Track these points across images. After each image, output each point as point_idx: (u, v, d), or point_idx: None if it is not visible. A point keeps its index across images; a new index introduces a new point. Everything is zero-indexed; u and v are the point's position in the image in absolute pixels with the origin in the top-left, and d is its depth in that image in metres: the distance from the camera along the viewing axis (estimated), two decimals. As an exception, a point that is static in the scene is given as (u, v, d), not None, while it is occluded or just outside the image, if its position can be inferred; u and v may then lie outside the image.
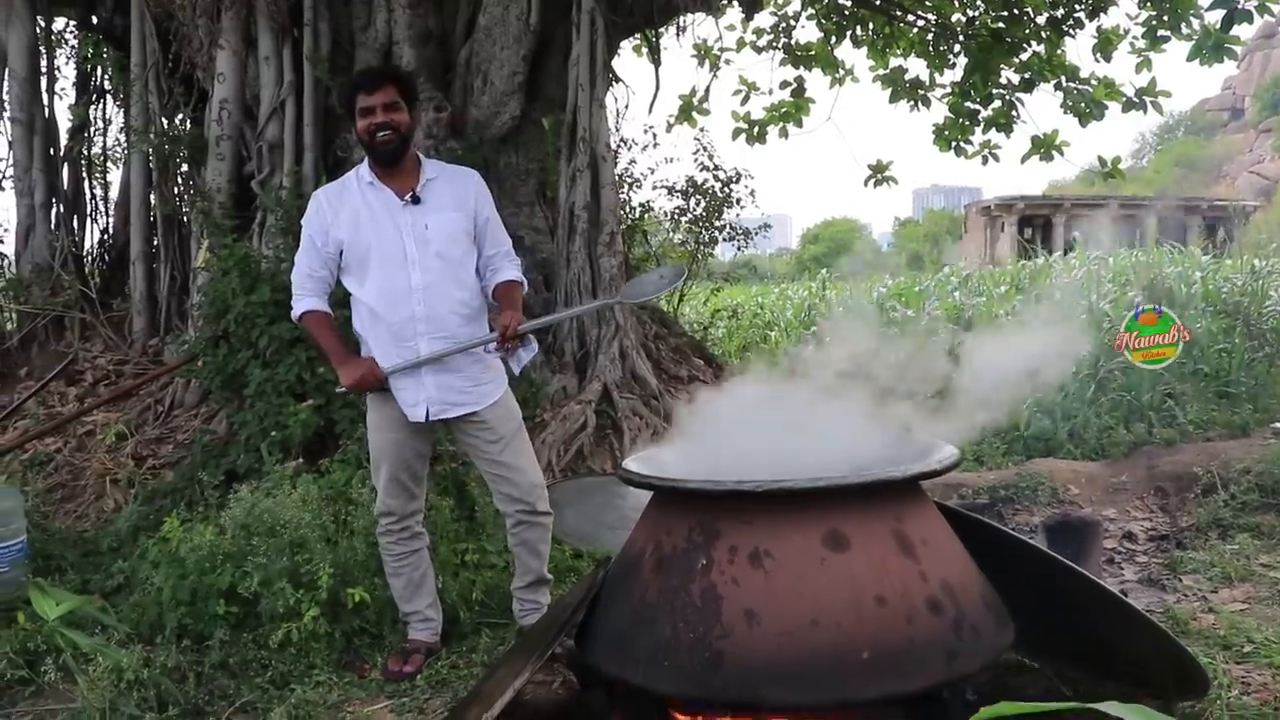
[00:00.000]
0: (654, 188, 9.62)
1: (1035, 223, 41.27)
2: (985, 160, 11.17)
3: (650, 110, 17.47)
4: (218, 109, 7.03)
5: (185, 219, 7.87)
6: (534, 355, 4.06)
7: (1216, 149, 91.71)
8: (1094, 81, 10.14)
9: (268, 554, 4.03)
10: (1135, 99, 9.66)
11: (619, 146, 9.49)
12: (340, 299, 4.15)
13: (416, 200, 3.73)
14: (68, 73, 9.11)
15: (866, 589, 2.40)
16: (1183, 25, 9.48)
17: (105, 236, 8.95)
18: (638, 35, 10.56)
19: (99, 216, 8.85)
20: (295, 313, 3.86)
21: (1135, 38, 9.90)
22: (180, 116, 7.83)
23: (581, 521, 5.47)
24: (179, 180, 7.95)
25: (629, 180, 9.72)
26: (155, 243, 8.01)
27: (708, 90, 10.97)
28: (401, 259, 3.67)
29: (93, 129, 8.91)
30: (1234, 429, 6.39)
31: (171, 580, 4.09)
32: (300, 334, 5.91)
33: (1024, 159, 10.35)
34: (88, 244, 8.74)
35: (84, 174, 8.75)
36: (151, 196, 7.88)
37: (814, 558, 2.43)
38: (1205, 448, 6.04)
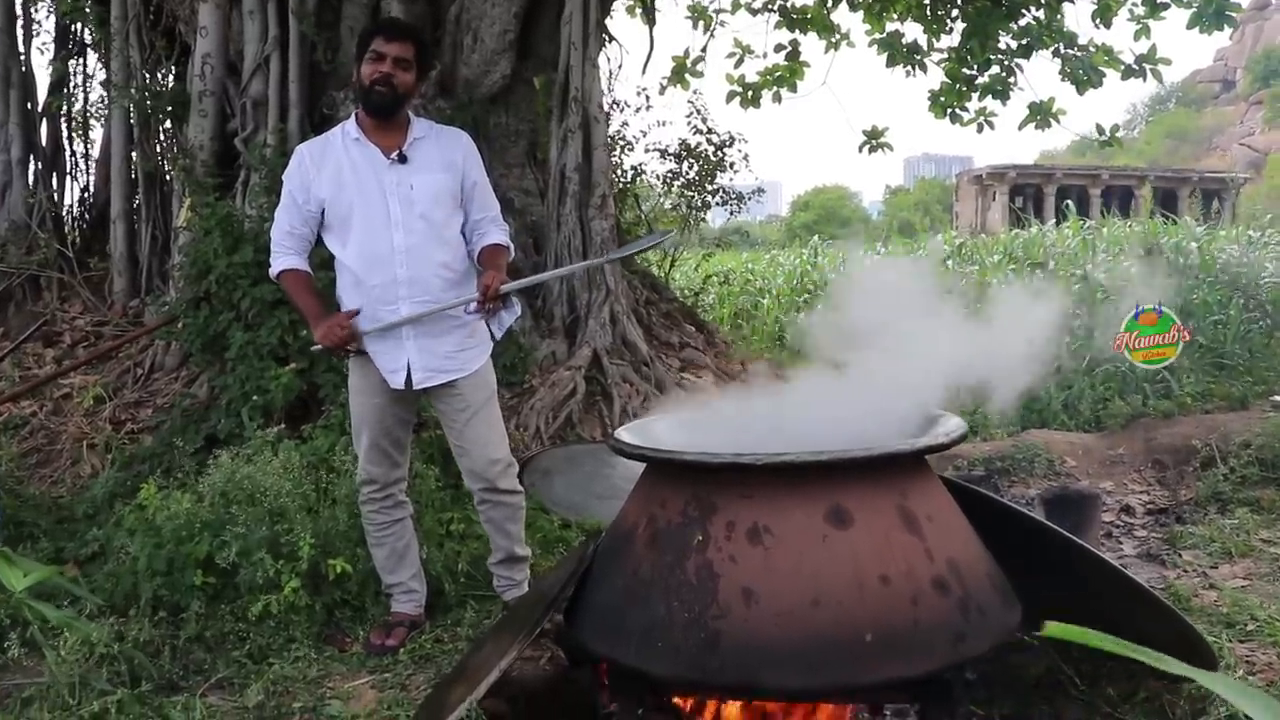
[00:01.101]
0: (646, 151, 9.49)
1: (1027, 191, 41.21)
2: (981, 128, 11.00)
3: (644, 71, 16.98)
4: (200, 64, 6.84)
5: (167, 177, 7.70)
6: (516, 317, 3.94)
7: (1207, 120, 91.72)
8: (1092, 49, 10.01)
9: (246, 523, 3.90)
10: (1135, 66, 9.52)
11: (611, 108, 9.32)
12: (324, 260, 4.03)
13: (403, 159, 3.58)
14: (48, 26, 8.89)
15: (870, 567, 2.29)
16: (1181, -9, 9.35)
17: (85, 195, 8.79)
18: (630, -3, 10.39)
19: (79, 174, 8.70)
20: (273, 271, 3.71)
21: (1135, 4, 9.77)
22: (162, 71, 7.62)
23: (570, 491, 5.36)
24: (161, 137, 7.77)
25: (621, 143, 9.56)
26: (136, 201, 7.85)
27: (705, 51, 10.76)
28: (385, 219, 3.53)
29: (73, 84, 8.72)
30: (1232, 401, 6.29)
31: (147, 549, 3.96)
32: (283, 296, 5.76)
33: (1021, 126, 10.20)
34: (67, 202, 8.58)
35: (64, 130, 8.56)
36: (133, 154, 7.70)
37: (816, 534, 2.32)
38: (1203, 420, 5.94)
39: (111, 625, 3.49)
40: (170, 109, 7.34)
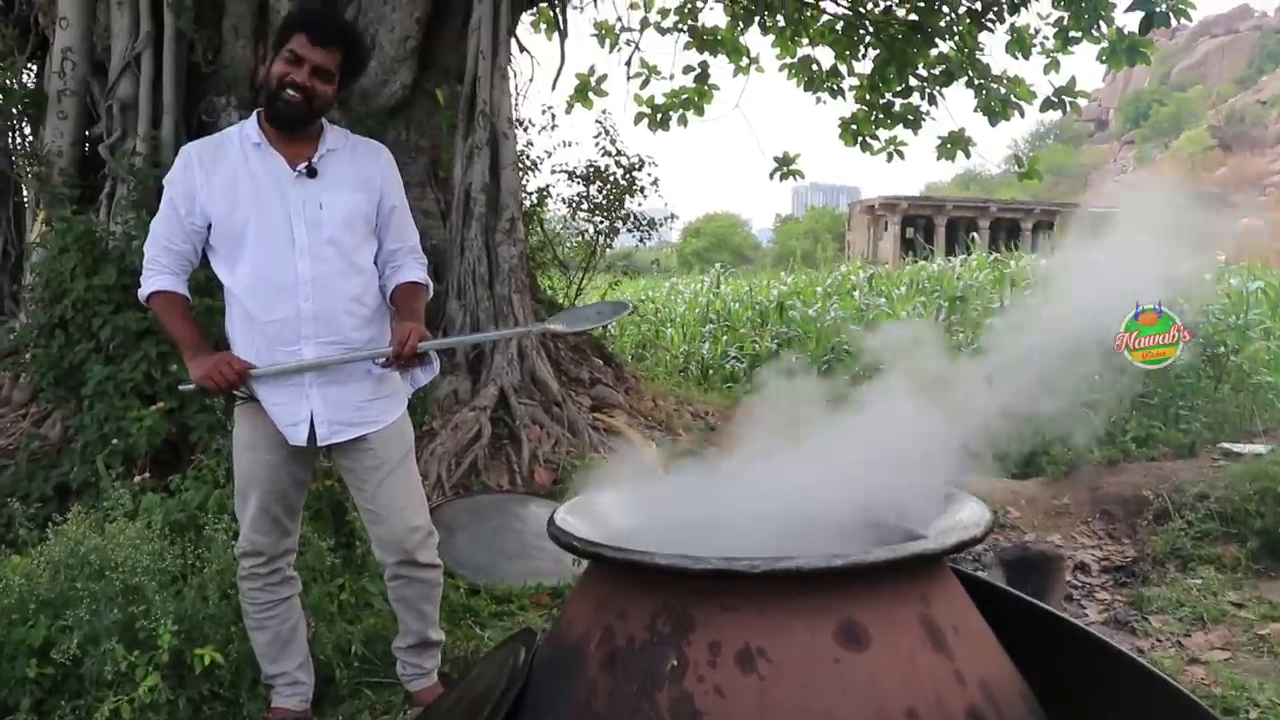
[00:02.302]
0: (552, 172, 8.95)
1: (918, 222, 41.84)
2: (890, 157, 10.86)
3: (554, 87, 15.74)
4: (59, 59, 6.09)
5: (22, 186, 6.89)
6: (433, 375, 3.38)
7: (1085, 157, 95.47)
8: (1006, 80, 9.90)
9: (94, 602, 3.23)
10: (1054, 98, 9.40)
11: (515, 126, 8.77)
12: (200, 284, 3.41)
13: (312, 173, 2.99)
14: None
15: (894, 699, 1.80)
16: (1093, 28, 9.30)
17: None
18: (536, 10, 9.89)
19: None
20: (143, 292, 3.06)
21: (1046, 38, 9.69)
22: (15, 67, 6.80)
23: (476, 550, 4.77)
24: (18, 142, 6.95)
25: (527, 163, 9.00)
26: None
27: (627, 65, 10.35)
28: (287, 243, 2.93)
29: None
30: (1179, 448, 6.01)
31: (-35, 634, 3.27)
32: (152, 325, 5.09)
33: (939, 156, 10.03)
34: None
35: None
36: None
37: (825, 658, 1.82)
38: (1151, 468, 5.65)
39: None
40: (21, 109, 6.52)
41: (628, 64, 10.27)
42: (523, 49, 8.26)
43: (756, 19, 10.61)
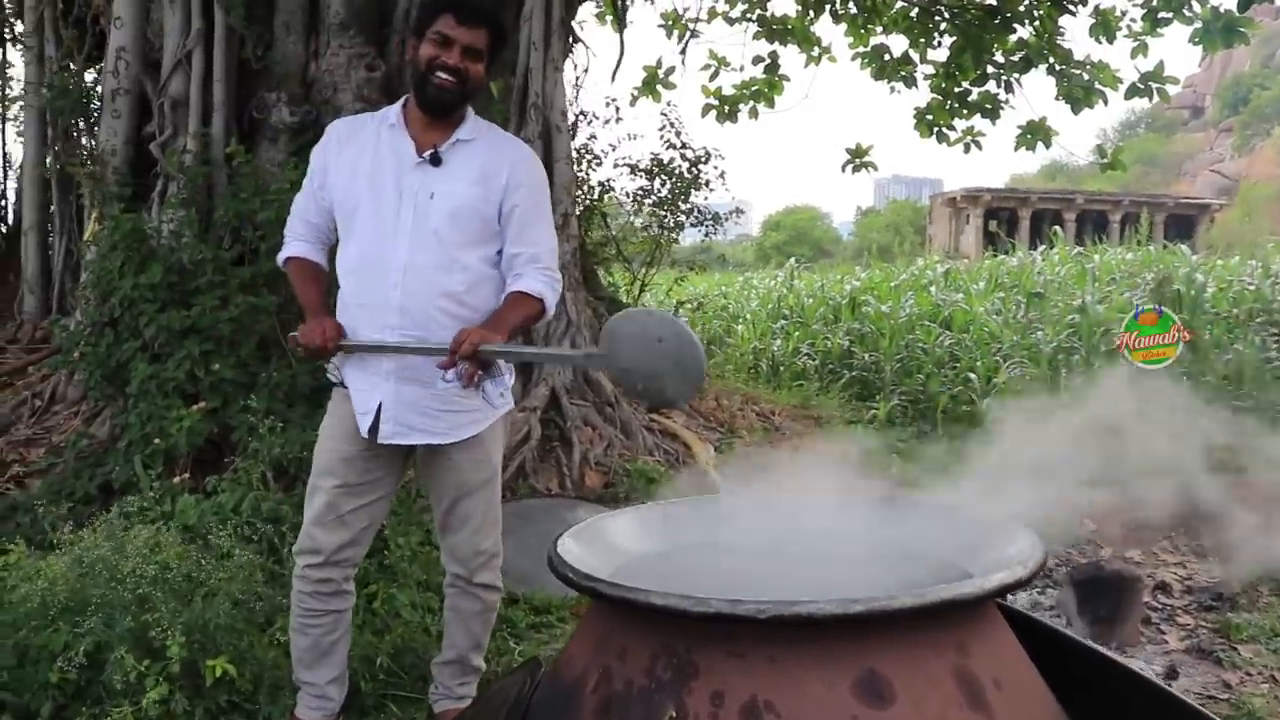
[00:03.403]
0: (615, 166, 8.75)
1: (1001, 215, 40.85)
2: (968, 148, 10.47)
3: (613, 79, 15.55)
4: (114, 59, 6.06)
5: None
6: (505, 388, 3.07)
7: (1177, 146, 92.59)
8: (1089, 66, 9.47)
9: (106, 610, 3.13)
10: (1140, 85, 8.93)
11: (577, 119, 8.60)
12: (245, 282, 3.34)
13: (435, 161, 2.84)
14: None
15: (920, 767, 1.58)
16: (1184, 8, 8.82)
17: (3, 203, 8.03)
18: (600, 2, 9.73)
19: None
20: (280, 258, 3.10)
21: (1132, 20, 9.24)
22: (76, 68, 6.82)
23: (519, 557, 4.59)
24: (79, 141, 6.98)
25: (589, 157, 8.83)
26: (52, 211, 7.08)
27: (683, 56, 10.15)
28: (391, 229, 2.82)
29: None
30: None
31: (-8, 636, 3.19)
32: (195, 324, 5.06)
33: (1017, 147, 9.62)
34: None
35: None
36: (47, 159, 6.92)
37: (841, 715, 1.60)
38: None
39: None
40: (80, 109, 6.52)
41: (682, 52, 10.02)
42: (578, 40, 8.06)
43: (828, 6, 10.30)
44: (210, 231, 5.61)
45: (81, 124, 6.74)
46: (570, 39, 7.56)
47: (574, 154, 7.46)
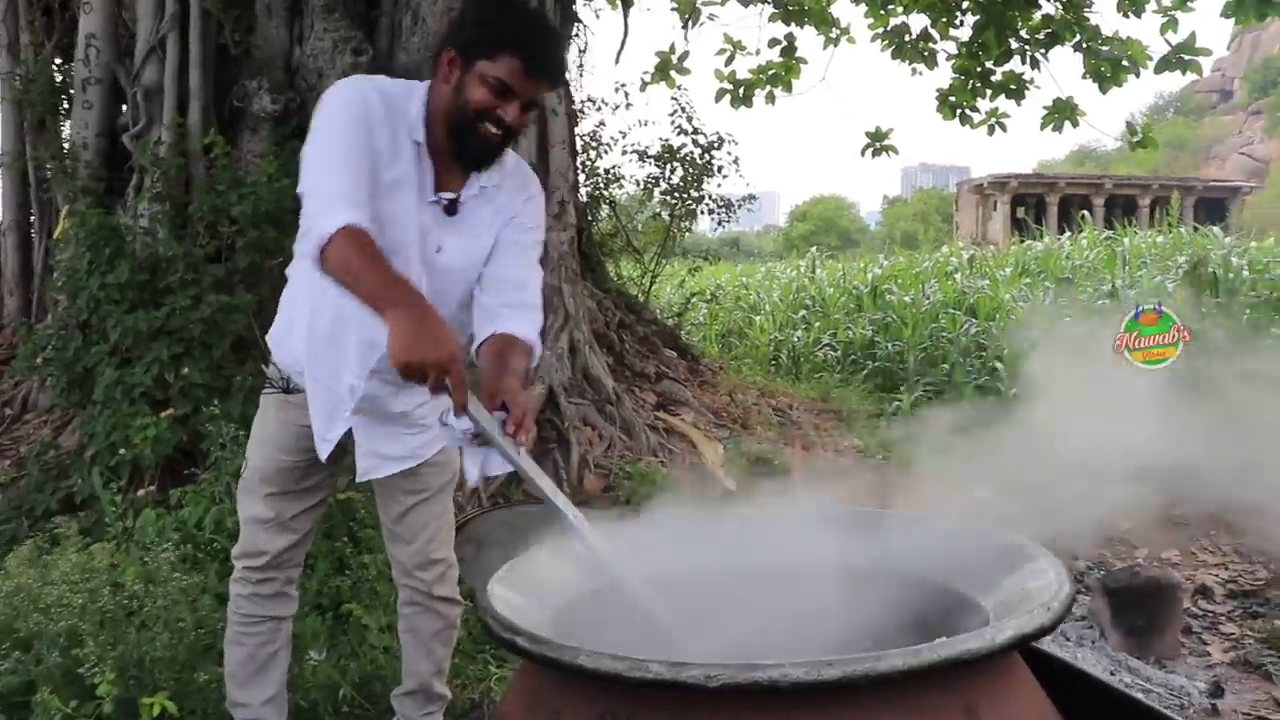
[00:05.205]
0: (624, 153, 8.43)
1: (1028, 201, 40.22)
2: (992, 130, 10.08)
3: (617, 62, 14.34)
4: (84, 46, 5.77)
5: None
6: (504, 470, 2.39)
7: (1206, 130, 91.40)
8: (1117, 42, 9.06)
9: (29, 642, 2.84)
10: (1172, 58, 8.51)
11: (584, 106, 8.29)
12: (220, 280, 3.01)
13: (452, 210, 2.42)
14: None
15: None
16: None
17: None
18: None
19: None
20: (328, 227, 2.11)
21: (1163, -6, 8.82)
22: (43, 57, 6.53)
23: (508, 569, 4.29)
24: (55, 133, 6.71)
25: (596, 144, 8.52)
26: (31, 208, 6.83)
27: (685, 38, 9.81)
28: (403, 262, 2.30)
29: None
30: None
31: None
32: (165, 326, 4.74)
33: (1043, 126, 9.22)
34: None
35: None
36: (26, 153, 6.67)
37: (818, 804, 1.27)
38: (1285, 472, 4.89)
39: None
40: (47, 101, 6.24)
41: (685, 27, 9.66)
42: (577, 20, 7.73)
43: (845, -15, 9.96)
44: (187, 227, 5.33)
45: (57, 115, 6.46)
46: (569, 18, 7.23)
47: (578, 140, 7.14)
